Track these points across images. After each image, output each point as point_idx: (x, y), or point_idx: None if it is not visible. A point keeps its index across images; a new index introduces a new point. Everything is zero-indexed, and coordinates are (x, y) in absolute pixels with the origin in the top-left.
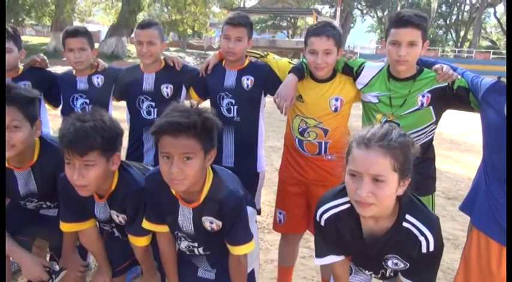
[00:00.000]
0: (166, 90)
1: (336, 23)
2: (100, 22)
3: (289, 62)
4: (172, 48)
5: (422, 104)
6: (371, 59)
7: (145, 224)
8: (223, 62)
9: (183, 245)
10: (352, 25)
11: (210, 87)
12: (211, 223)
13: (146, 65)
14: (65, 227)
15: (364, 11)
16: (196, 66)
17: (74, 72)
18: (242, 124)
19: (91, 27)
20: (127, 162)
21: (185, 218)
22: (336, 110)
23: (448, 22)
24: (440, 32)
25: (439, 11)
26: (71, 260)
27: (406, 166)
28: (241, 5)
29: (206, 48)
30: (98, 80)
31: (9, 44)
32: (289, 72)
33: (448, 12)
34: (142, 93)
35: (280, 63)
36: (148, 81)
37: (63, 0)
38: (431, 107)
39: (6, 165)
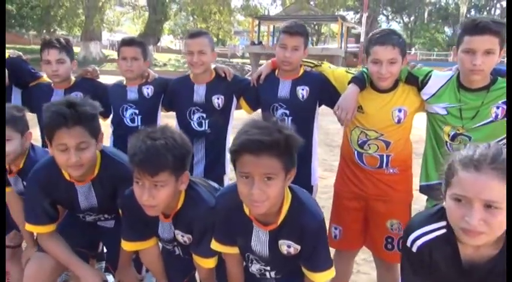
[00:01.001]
0: (218, 101)
1: (362, 29)
2: (127, 32)
3: (347, 72)
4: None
5: (496, 116)
6: None
7: (215, 245)
8: (277, 71)
9: (255, 268)
10: None
11: (262, 97)
12: (288, 247)
13: (196, 75)
14: (127, 245)
15: (390, 17)
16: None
17: (125, 82)
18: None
19: (118, 37)
20: (193, 180)
21: (260, 240)
22: (399, 121)
23: None
24: None
25: (468, 15)
26: (127, 273)
27: None
28: (266, 13)
29: (230, 56)
30: (147, 91)
31: (62, 55)
32: (349, 83)
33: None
34: (193, 105)
35: (336, 73)
36: (199, 92)
37: (93, 11)
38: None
39: (68, 178)
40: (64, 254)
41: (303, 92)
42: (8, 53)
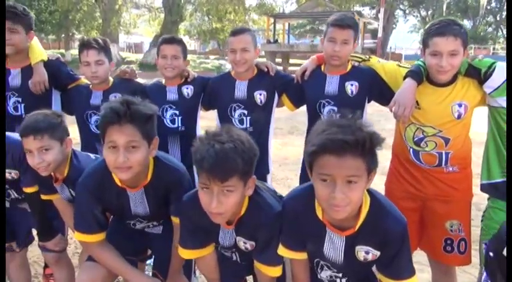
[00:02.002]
0: (260, 97)
1: (379, 24)
2: (144, 34)
3: (399, 65)
4: (212, 56)
5: None
6: (415, 59)
7: (282, 251)
8: (323, 66)
9: (324, 274)
10: (394, 26)
11: (308, 94)
12: (366, 253)
13: (238, 72)
14: (186, 254)
15: (407, 11)
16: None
17: (164, 81)
18: None
19: (134, 39)
20: (257, 184)
21: (334, 246)
22: (459, 116)
23: (498, 19)
24: (490, 29)
25: (488, 7)
26: (177, 280)
27: None
28: (281, 11)
29: None
30: (187, 91)
31: (100, 56)
32: (405, 77)
33: (497, 8)
34: (234, 101)
35: (387, 67)
36: (241, 89)
37: (110, 14)
38: None
39: (120, 184)
40: (117, 263)
41: (352, 87)
42: (47, 55)
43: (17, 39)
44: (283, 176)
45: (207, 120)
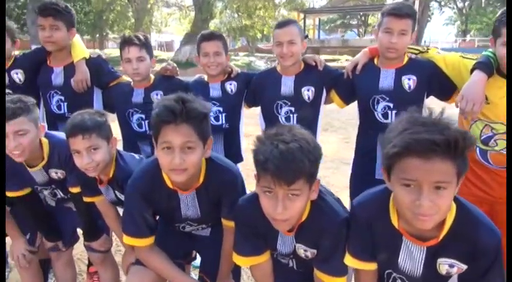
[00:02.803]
0: (308, 93)
1: None
2: (174, 32)
3: (462, 57)
4: (241, 53)
5: None
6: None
7: (350, 261)
8: (376, 60)
9: None
10: (429, 19)
11: (360, 89)
12: (450, 267)
13: (285, 67)
14: (241, 261)
15: (442, 3)
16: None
17: (206, 78)
18: None
19: (165, 37)
20: (320, 189)
21: (412, 257)
22: None
23: None
24: None
25: None
26: None
27: None
28: (311, 6)
29: None
30: (231, 87)
31: (142, 53)
32: (473, 69)
33: None
34: (280, 98)
35: (449, 59)
36: (288, 84)
37: (142, 13)
38: None
39: (171, 186)
40: (167, 267)
41: (409, 82)
42: (89, 53)
43: (59, 36)
44: (320, 174)
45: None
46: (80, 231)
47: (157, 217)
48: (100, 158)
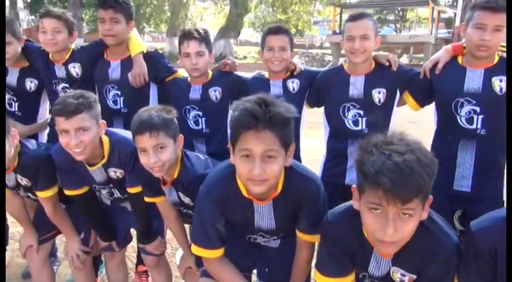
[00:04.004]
0: (379, 95)
1: (457, 12)
2: (208, 26)
3: None
4: None
5: None
6: None
7: None
8: (460, 58)
9: None
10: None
11: (440, 91)
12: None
13: (355, 65)
14: (324, 281)
15: None
16: None
17: (267, 75)
18: (488, 138)
19: None
20: None
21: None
22: None
23: None
24: None
25: None
26: None
27: None
28: (348, 1)
29: (308, 47)
30: (293, 85)
31: (201, 47)
32: None
33: None
34: (348, 100)
35: None
36: (357, 86)
37: (178, 7)
38: None
39: (246, 196)
40: (236, 281)
41: (500, 83)
42: (147, 47)
43: (119, 29)
44: None
45: None
46: (132, 231)
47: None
48: (167, 157)
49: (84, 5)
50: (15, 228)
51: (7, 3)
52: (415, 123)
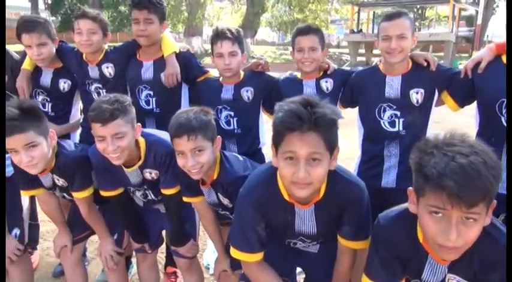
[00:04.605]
0: (417, 96)
1: (476, 9)
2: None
3: None
4: (290, 47)
5: None
6: None
7: None
8: (504, 57)
9: None
10: (493, 11)
11: (483, 91)
12: None
13: (391, 64)
14: None
15: None
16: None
17: (299, 75)
18: None
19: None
20: None
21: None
22: None
23: None
24: None
25: None
26: None
27: None
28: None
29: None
30: (326, 85)
31: (234, 47)
32: None
33: None
34: (384, 101)
35: None
36: (393, 86)
37: (195, 8)
38: None
39: (288, 199)
40: None
41: None
42: (179, 47)
43: (152, 29)
44: None
45: None
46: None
47: None
48: (205, 160)
49: (103, 6)
50: (43, 227)
51: (29, 5)
52: (438, 123)
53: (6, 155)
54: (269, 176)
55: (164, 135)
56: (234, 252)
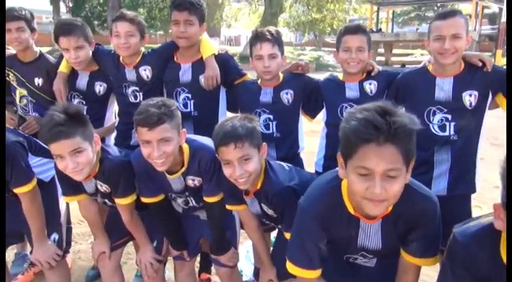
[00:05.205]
0: (470, 98)
1: (501, 7)
2: (241, 26)
3: None
4: (308, 48)
5: None
6: None
7: None
8: None
9: None
10: None
11: None
12: None
13: (442, 66)
14: None
15: None
16: None
17: (340, 77)
18: None
19: (232, 32)
20: None
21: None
22: None
23: None
24: None
25: None
26: None
27: None
28: None
29: None
30: (370, 87)
31: (274, 49)
32: None
33: None
34: (435, 104)
35: None
36: (444, 88)
37: (213, 9)
38: None
39: (353, 213)
40: None
41: None
42: (218, 49)
43: (192, 31)
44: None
45: None
46: None
47: None
48: (252, 168)
49: (122, 8)
50: (74, 229)
51: (51, 8)
52: None
53: (45, 160)
54: (333, 188)
55: (207, 141)
56: (292, 269)
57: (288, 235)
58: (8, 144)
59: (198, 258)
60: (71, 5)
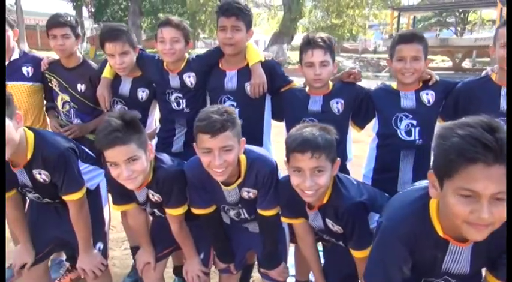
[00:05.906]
0: None
1: None
2: (263, 32)
3: None
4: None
5: None
6: None
7: None
8: None
9: None
10: None
11: None
12: None
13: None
14: None
15: None
16: None
17: (394, 86)
18: None
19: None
20: None
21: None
22: None
23: None
24: None
25: None
26: None
27: None
28: (406, 3)
29: (361, 51)
30: (427, 97)
31: (326, 57)
32: None
33: None
34: (498, 114)
35: None
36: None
37: None
38: None
39: (442, 235)
40: None
41: None
42: (264, 55)
43: (239, 37)
44: None
45: None
46: None
47: None
48: (324, 182)
49: (143, 13)
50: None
51: (73, 12)
52: None
53: (91, 167)
54: (420, 208)
55: (264, 152)
56: None
57: (357, 254)
58: (62, 150)
59: None
60: (93, 10)
